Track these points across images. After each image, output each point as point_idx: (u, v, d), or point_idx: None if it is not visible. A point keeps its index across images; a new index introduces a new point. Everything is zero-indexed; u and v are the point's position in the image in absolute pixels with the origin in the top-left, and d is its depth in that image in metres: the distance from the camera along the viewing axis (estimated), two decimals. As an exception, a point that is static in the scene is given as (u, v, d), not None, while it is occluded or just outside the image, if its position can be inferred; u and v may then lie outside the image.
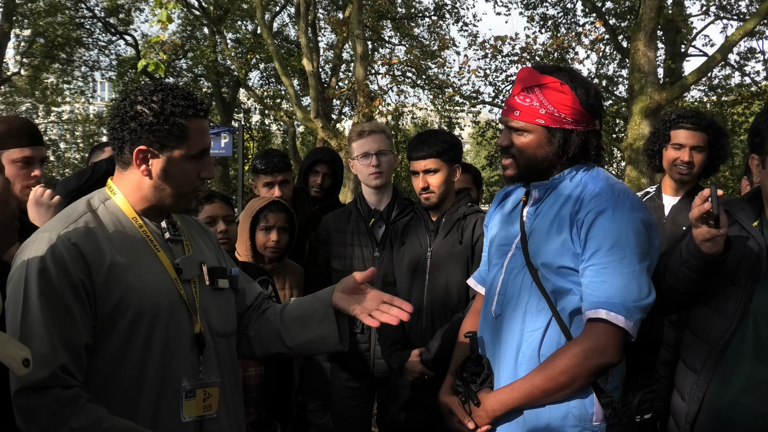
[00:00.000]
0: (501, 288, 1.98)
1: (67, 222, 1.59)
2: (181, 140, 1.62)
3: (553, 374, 1.77)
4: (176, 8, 12.15)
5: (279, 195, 3.33)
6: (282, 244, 2.98)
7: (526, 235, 1.94)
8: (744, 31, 10.24)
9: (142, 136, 1.60)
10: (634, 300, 1.75)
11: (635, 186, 9.40)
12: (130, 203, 1.68)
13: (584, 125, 1.90)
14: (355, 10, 12.97)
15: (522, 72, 1.94)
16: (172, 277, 1.66)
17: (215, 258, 1.85)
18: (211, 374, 1.69)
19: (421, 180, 2.75)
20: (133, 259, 1.61)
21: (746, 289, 1.81)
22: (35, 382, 1.43)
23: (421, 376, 2.66)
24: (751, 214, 1.90)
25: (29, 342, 1.45)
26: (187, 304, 1.66)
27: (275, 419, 2.72)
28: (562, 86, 1.87)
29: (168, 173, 1.64)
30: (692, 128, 2.88)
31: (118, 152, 1.66)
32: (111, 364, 1.56)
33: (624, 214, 1.78)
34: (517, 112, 1.90)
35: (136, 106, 1.61)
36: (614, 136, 16.56)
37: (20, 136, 2.40)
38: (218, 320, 1.76)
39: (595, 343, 1.75)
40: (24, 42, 19.92)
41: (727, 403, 1.79)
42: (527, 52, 14.96)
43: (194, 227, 1.88)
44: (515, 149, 1.93)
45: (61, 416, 1.44)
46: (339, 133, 13.18)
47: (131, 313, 1.56)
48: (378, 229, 3.10)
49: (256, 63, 20.83)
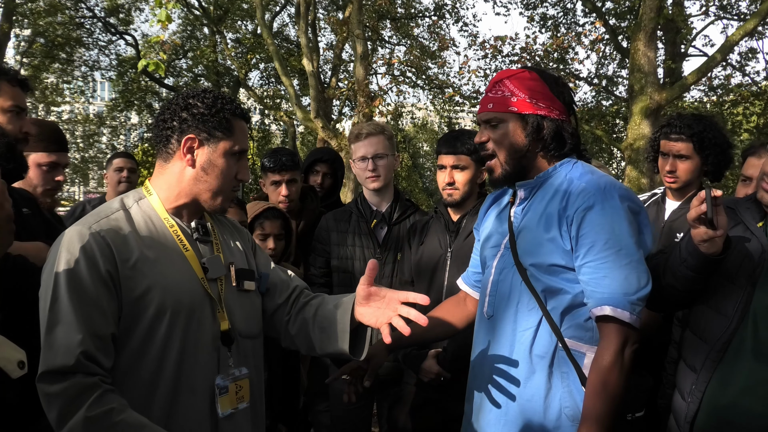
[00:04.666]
0: (491, 289, 1.99)
1: (99, 217, 1.66)
2: (226, 135, 1.71)
3: (607, 394, 1.74)
4: (176, 8, 12.15)
5: (286, 194, 3.35)
6: (278, 251, 2.98)
7: (515, 234, 1.95)
8: (744, 31, 10.24)
9: (192, 125, 1.69)
10: (635, 291, 1.76)
11: (635, 186, 9.40)
12: (165, 201, 1.74)
13: (557, 113, 1.93)
14: (355, 10, 12.96)
15: (495, 75, 2.02)
16: (199, 276, 1.70)
17: (245, 260, 1.89)
18: (242, 368, 1.76)
19: (448, 175, 2.73)
20: (161, 256, 1.66)
21: (747, 290, 1.81)
22: (59, 366, 1.49)
23: (437, 377, 2.63)
24: (756, 214, 1.90)
25: (55, 328, 1.52)
26: (213, 301, 1.71)
27: (281, 423, 2.72)
28: (531, 74, 1.95)
29: (211, 165, 1.71)
30: (675, 138, 2.86)
31: (164, 143, 1.72)
32: (131, 359, 1.60)
33: (613, 206, 1.79)
34: (490, 105, 1.95)
35: (189, 99, 1.72)
36: (614, 136, 16.56)
37: (49, 142, 2.52)
38: (241, 321, 1.79)
39: (614, 354, 1.76)
40: (24, 42, 19.90)
41: (726, 403, 1.79)
42: (527, 52, 14.95)
43: (227, 228, 1.93)
44: (493, 143, 1.96)
45: (78, 403, 1.47)
46: (339, 133, 13.17)
47: (154, 308, 1.61)
48: (380, 230, 3.10)
49: (256, 63, 20.83)
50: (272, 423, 2.68)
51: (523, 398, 1.86)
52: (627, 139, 10.17)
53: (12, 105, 2.24)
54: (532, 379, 1.86)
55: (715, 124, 2.90)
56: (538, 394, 1.85)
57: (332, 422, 3.20)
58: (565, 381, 1.84)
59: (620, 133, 16.91)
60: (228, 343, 1.73)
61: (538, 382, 1.85)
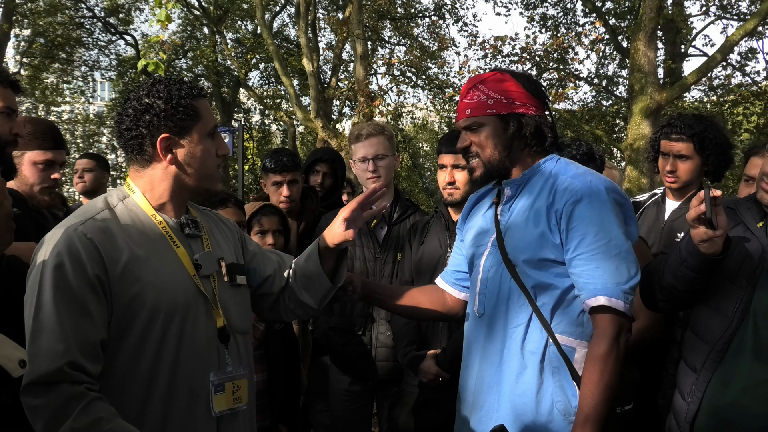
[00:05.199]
0: (481, 287, 2.00)
1: (84, 218, 1.60)
2: (195, 120, 1.68)
3: (604, 383, 1.75)
4: (176, 8, 12.15)
5: (287, 194, 3.35)
6: (278, 247, 2.97)
7: (502, 232, 1.96)
8: (744, 31, 10.24)
9: (160, 125, 1.64)
10: (626, 280, 1.79)
11: (635, 186, 9.40)
12: (150, 199, 1.70)
13: (533, 109, 1.95)
14: (355, 10, 12.96)
15: (464, 85, 2.04)
16: (191, 273, 1.67)
17: (233, 253, 1.86)
18: (238, 367, 1.73)
19: (449, 174, 2.73)
20: (151, 254, 1.62)
21: (747, 290, 1.81)
22: (43, 376, 1.43)
23: (435, 377, 2.62)
24: (756, 214, 1.90)
25: (39, 336, 1.46)
26: (206, 299, 1.68)
27: (282, 423, 2.71)
28: (503, 75, 1.97)
29: (193, 157, 1.69)
30: (675, 138, 2.86)
31: (137, 151, 1.67)
32: (126, 361, 1.56)
33: (600, 198, 1.82)
34: (468, 111, 1.97)
35: (144, 99, 1.64)
36: (614, 136, 16.55)
37: (45, 139, 2.48)
38: (237, 317, 1.77)
39: (609, 343, 1.77)
40: (24, 42, 19.90)
41: (726, 403, 1.79)
42: (527, 52, 14.96)
43: (213, 222, 1.90)
44: (476, 146, 1.98)
45: (65, 413, 1.42)
46: (339, 133, 13.17)
47: (147, 309, 1.57)
48: (380, 230, 3.10)
49: (256, 63, 20.82)
50: (273, 423, 2.67)
51: (515, 394, 1.87)
52: (627, 139, 10.17)
53: (2, 107, 2.19)
54: (524, 374, 1.87)
55: (716, 124, 2.90)
56: (529, 390, 1.86)
57: (332, 422, 3.20)
58: (557, 376, 1.85)
59: (620, 133, 16.90)
60: (225, 341, 1.70)
61: (530, 377, 1.86)
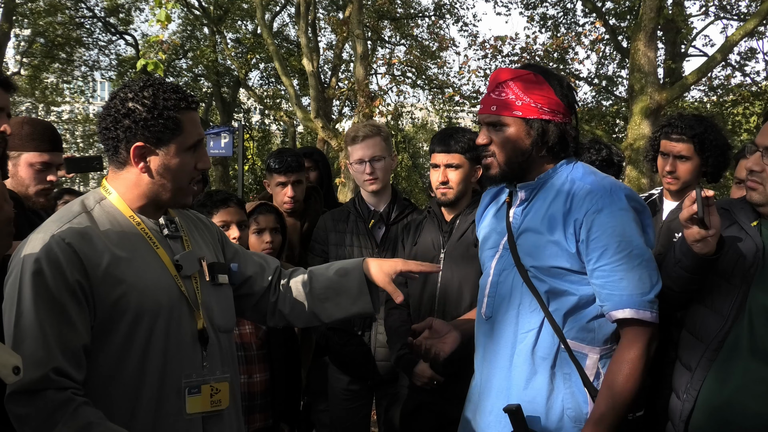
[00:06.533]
0: (490, 290, 1.97)
1: (61, 222, 1.57)
2: (176, 133, 1.62)
3: (624, 389, 1.78)
4: (175, 8, 12.15)
5: (292, 195, 3.35)
6: (276, 244, 2.97)
7: (514, 236, 1.93)
8: (744, 31, 10.24)
9: (137, 133, 1.59)
10: (650, 289, 1.79)
11: (635, 186, 9.39)
12: (127, 201, 1.66)
13: (561, 116, 1.89)
14: (355, 10, 12.95)
15: (495, 72, 1.95)
16: (172, 273, 1.65)
17: (213, 253, 1.84)
18: (216, 370, 1.69)
19: (441, 174, 2.69)
20: (132, 257, 1.60)
21: (742, 288, 1.81)
22: (27, 384, 1.42)
23: (429, 381, 2.60)
24: (750, 213, 1.90)
25: (22, 344, 1.44)
26: (188, 300, 1.66)
27: (284, 423, 2.71)
28: (536, 77, 1.88)
29: (167, 168, 1.63)
30: (676, 138, 2.85)
31: (113, 152, 1.64)
32: (112, 365, 1.54)
33: (621, 207, 1.80)
34: (494, 107, 1.89)
35: (128, 103, 1.60)
36: (614, 136, 16.55)
37: (42, 141, 2.44)
38: (220, 316, 1.76)
39: (641, 349, 1.79)
40: (24, 42, 19.90)
41: (721, 402, 1.79)
42: (527, 52, 14.94)
43: (193, 222, 1.87)
44: (495, 145, 1.91)
45: (52, 420, 1.41)
46: (339, 133, 13.16)
47: (131, 312, 1.55)
48: (378, 230, 3.10)
49: (256, 63, 20.81)
50: (275, 422, 2.67)
51: (525, 400, 1.84)
52: (627, 139, 10.17)
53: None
54: (534, 380, 1.85)
55: (716, 125, 2.90)
56: (540, 396, 1.84)
57: (332, 422, 3.20)
58: (567, 382, 1.83)
59: (620, 133, 16.89)
60: (203, 343, 1.67)
61: (540, 383, 1.84)
